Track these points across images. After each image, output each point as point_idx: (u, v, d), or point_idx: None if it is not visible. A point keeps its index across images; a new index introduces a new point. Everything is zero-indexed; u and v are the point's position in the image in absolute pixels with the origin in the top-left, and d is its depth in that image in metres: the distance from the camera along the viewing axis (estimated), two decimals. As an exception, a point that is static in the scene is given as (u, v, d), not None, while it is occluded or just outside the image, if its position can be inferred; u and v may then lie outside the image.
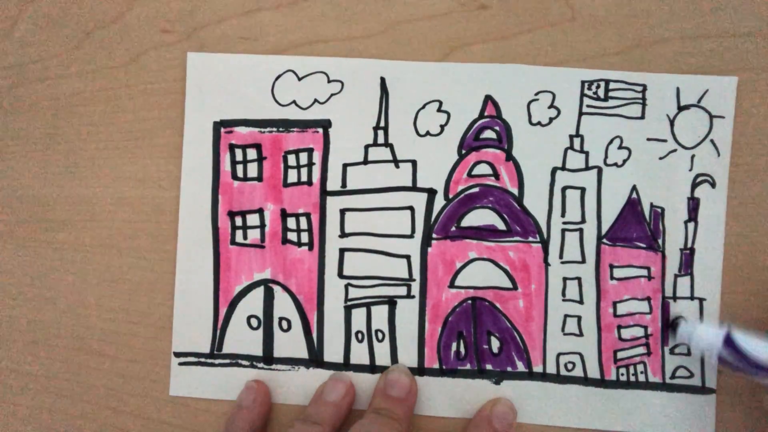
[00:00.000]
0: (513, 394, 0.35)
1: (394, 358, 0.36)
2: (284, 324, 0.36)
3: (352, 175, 0.36)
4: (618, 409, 0.35)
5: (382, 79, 0.36)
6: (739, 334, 0.32)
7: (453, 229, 0.36)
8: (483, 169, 0.36)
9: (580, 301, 0.35)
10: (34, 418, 0.37)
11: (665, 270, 0.35)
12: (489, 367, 0.36)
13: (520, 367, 0.36)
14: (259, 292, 0.36)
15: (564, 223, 0.36)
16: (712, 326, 0.33)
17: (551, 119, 0.35)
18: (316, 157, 0.36)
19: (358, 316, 0.36)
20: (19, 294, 0.38)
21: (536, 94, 0.35)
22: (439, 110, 0.36)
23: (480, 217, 0.36)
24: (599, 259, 0.35)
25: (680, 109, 0.35)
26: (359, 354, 0.36)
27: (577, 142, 0.35)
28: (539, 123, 0.35)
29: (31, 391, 0.38)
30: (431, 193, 0.36)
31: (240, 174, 0.36)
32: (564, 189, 0.35)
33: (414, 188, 0.36)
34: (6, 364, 0.38)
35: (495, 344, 0.36)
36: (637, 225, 0.35)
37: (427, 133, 0.36)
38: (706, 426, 0.35)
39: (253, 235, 0.36)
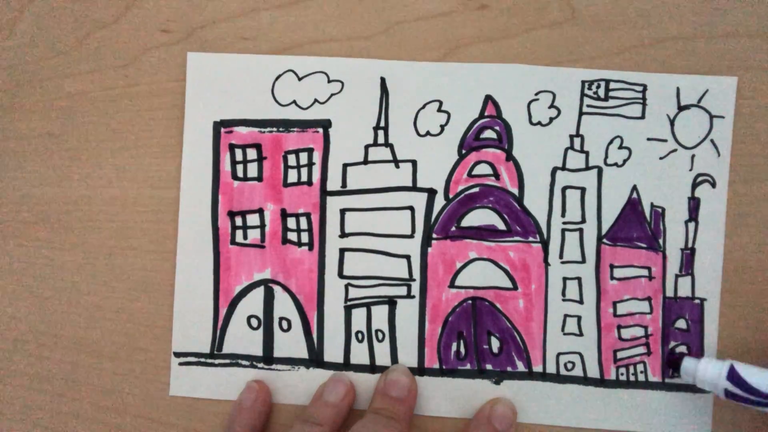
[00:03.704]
0: (513, 394, 0.36)
1: (394, 358, 0.36)
2: (284, 324, 0.36)
3: (352, 175, 0.36)
4: (617, 408, 0.35)
5: (382, 79, 0.36)
6: (741, 366, 0.31)
7: (453, 229, 0.36)
8: (483, 169, 0.36)
9: (580, 301, 0.35)
10: (34, 417, 0.37)
11: (666, 270, 0.35)
12: (489, 367, 0.36)
13: (520, 367, 0.36)
14: (259, 292, 0.36)
15: (564, 223, 0.36)
16: (714, 361, 0.32)
17: (551, 119, 0.35)
18: (316, 157, 0.36)
19: (358, 316, 0.36)
20: (19, 294, 0.38)
21: (536, 94, 0.35)
22: (439, 110, 0.36)
23: (480, 217, 0.36)
24: (599, 259, 0.35)
25: (680, 109, 0.35)
26: (359, 354, 0.36)
27: (577, 142, 0.35)
28: (539, 123, 0.35)
29: (31, 390, 0.38)
30: (431, 193, 0.36)
31: (240, 174, 0.36)
32: (564, 189, 0.35)
33: (414, 188, 0.36)
34: (6, 363, 0.38)
35: (495, 344, 0.36)
36: (637, 225, 0.35)
37: (427, 133, 0.36)
38: (704, 425, 0.35)
39: (253, 235, 0.36)
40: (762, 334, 0.35)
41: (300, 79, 0.36)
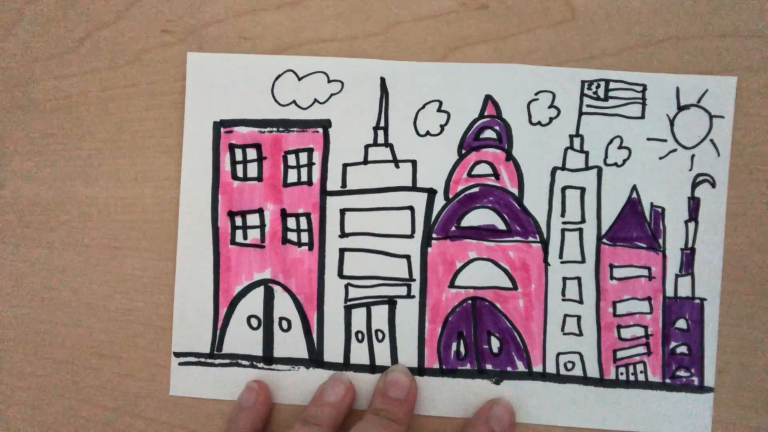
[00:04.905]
0: (513, 394, 0.36)
1: (394, 358, 0.36)
2: (284, 324, 0.36)
3: (352, 175, 0.36)
4: (617, 408, 0.35)
5: (382, 79, 0.36)
6: None
7: (453, 229, 0.36)
8: (483, 168, 0.36)
9: (580, 301, 0.35)
10: (35, 418, 0.38)
11: (666, 270, 0.35)
12: (489, 367, 0.36)
13: (520, 366, 0.36)
14: (259, 292, 0.36)
15: (564, 223, 0.36)
16: None
17: (551, 119, 0.35)
18: (316, 157, 0.36)
19: (358, 316, 0.36)
20: (20, 294, 0.38)
21: (536, 94, 0.35)
22: (439, 110, 0.36)
23: (480, 217, 0.36)
24: (599, 259, 0.35)
25: (680, 109, 0.35)
26: (359, 354, 0.36)
27: (577, 141, 0.35)
28: (539, 123, 0.35)
29: (32, 391, 0.38)
30: (431, 193, 0.36)
31: (240, 174, 0.36)
32: (564, 189, 0.35)
33: (414, 188, 0.36)
34: (6, 364, 0.38)
35: (495, 344, 0.36)
36: (637, 225, 0.35)
37: (427, 133, 0.36)
38: (704, 425, 0.35)
39: (253, 235, 0.36)
40: (762, 334, 0.35)
41: (300, 79, 0.36)
